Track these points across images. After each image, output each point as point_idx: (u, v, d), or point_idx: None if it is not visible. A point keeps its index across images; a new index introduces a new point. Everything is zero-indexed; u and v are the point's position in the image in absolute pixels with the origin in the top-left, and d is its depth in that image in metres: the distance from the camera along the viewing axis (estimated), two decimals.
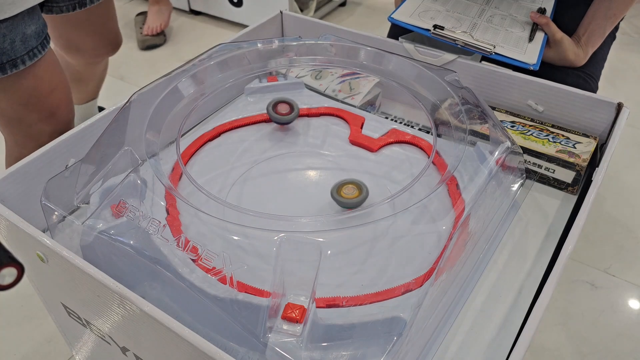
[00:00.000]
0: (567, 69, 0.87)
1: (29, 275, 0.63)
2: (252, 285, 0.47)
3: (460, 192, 0.57)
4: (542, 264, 0.60)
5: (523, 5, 0.93)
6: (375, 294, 0.48)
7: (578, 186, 0.69)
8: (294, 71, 0.82)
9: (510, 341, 0.52)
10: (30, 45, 0.78)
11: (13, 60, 0.76)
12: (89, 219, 0.50)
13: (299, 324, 0.42)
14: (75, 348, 0.74)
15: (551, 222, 0.65)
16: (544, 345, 1.03)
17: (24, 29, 0.76)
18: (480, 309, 0.55)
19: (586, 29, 0.86)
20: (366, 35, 0.83)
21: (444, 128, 0.61)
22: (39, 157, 0.61)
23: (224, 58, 0.68)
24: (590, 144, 0.70)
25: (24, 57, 0.77)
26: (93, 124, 0.65)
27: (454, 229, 0.51)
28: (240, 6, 2.07)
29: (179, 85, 0.63)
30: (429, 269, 0.49)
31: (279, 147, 0.67)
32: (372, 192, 0.60)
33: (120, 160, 0.55)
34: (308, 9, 2.12)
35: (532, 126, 0.73)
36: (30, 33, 0.78)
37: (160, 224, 0.49)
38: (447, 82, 0.64)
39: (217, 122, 0.70)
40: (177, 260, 0.48)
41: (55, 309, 0.65)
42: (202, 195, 0.51)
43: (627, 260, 1.21)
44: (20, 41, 0.76)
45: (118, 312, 0.49)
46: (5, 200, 0.58)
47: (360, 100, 0.79)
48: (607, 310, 1.10)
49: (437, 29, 0.78)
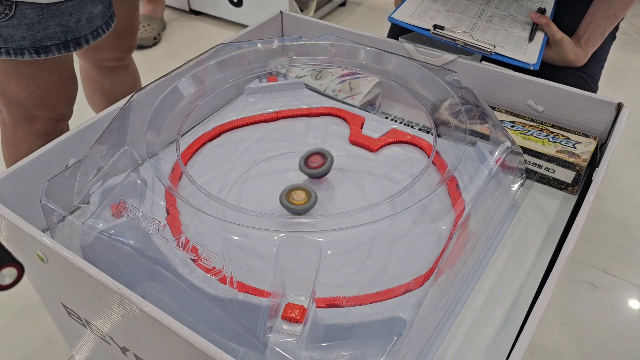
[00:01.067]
0: (567, 69, 0.87)
1: (29, 275, 0.63)
2: (252, 285, 0.47)
3: (460, 192, 0.57)
4: (542, 264, 0.60)
5: (523, 5, 0.93)
6: (375, 294, 0.48)
7: (578, 186, 0.69)
8: (294, 71, 0.82)
9: (510, 341, 0.52)
10: (95, 25, 0.78)
11: (77, 39, 0.77)
12: (89, 219, 0.50)
13: (299, 324, 0.42)
14: (75, 348, 0.74)
15: (551, 222, 0.65)
16: (544, 345, 1.03)
17: (91, 8, 0.77)
18: (480, 309, 0.55)
19: (586, 29, 0.86)
20: (366, 35, 0.83)
21: (444, 128, 0.61)
22: (39, 157, 0.61)
23: (224, 58, 0.68)
24: (590, 144, 0.70)
25: (87, 37, 0.78)
26: (93, 124, 0.65)
27: (454, 229, 0.51)
28: (240, 6, 2.07)
29: (179, 85, 0.63)
30: (429, 269, 0.49)
31: (279, 147, 0.67)
32: (372, 192, 0.60)
33: (120, 160, 0.55)
34: (308, 9, 2.12)
35: (532, 126, 0.73)
36: (96, 12, 0.78)
37: (160, 224, 0.49)
38: (447, 82, 0.64)
39: (217, 122, 0.70)
40: (177, 260, 0.48)
41: (55, 309, 0.65)
42: (202, 195, 0.51)
43: (627, 260, 1.21)
44: (86, 20, 0.77)
45: (118, 312, 0.49)
46: (5, 200, 0.58)
47: (360, 100, 0.79)
48: (607, 310, 1.10)
49: (437, 29, 0.78)
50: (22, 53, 0.74)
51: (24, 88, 0.81)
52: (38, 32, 0.73)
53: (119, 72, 1.09)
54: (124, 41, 1.03)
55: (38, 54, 0.75)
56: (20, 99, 0.83)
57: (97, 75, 1.08)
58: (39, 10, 0.71)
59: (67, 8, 0.74)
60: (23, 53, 0.74)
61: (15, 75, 0.79)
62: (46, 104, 0.85)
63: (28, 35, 0.73)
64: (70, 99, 0.90)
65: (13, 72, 0.79)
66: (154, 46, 2.01)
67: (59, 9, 0.73)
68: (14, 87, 0.81)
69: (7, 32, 0.72)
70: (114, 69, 1.08)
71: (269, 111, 0.72)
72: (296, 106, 0.73)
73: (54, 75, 0.83)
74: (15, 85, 0.81)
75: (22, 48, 0.74)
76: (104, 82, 1.09)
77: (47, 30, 0.73)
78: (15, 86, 0.81)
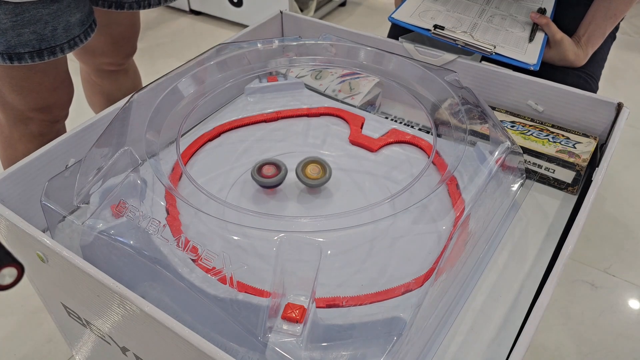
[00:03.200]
0: (568, 69, 0.87)
1: (29, 275, 0.63)
2: (252, 285, 0.47)
3: (460, 192, 0.57)
4: (542, 264, 0.60)
5: (523, 6, 0.93)
6: (375, 294, 0.48)
7: (578, 186, 0.69)
8: (294, 71, 0.82)
9: (510, 341, 0.52)
10: (72, 34, 0.77)
11: (52, 47, 0.75)
12: (89, 219, 0.50)
13: (299, 324, 0.42)
14: (75, 348, 0.74)
15: (551, 222, 0.65)
16: (544, 345, 1.03)
17: (68, 17, 0.75)
18: (480, 309, 0.55)
19: (586, 29, 0.86)
20: (366, 35, 0.83)
21: (444, 128, 0.61)
22: (39, 157, 0.61)
23: (224, 58, 0.68)
24: (590, 144, 0.70)
25: (63, 46, 0.76)
26: (93, 124, 0.65)
27: (454, 229, 0.51)
28: (240, 6, 2.07)
29: (179, 85, 0.63)
30: (429, 269, 0.49)
31: (279, 147, 0.67)
32: (372, 192, 0.60)
33: (120, 160, 0.55)
34: (308, 9, 2.12)
35: (532, 126, 0.73)
36: (74, 21, 0.76)
37: (160, 224, 0.49)
38: (447, 82, 0.64)
39: (217, 122, 0.70)
40: (177, 260, 0.48)
41: (55, 309, 0.65)
42: (202, 195, 0.51)
43: (627, 260, 1.21)
44: (62, 29, 0.75)
45: (118, 312, 0.49)
46: (5, 200, 0.58)
47: (360, 100, 0.79)
48: (607, 310, 1.10)
49: (437, 29, 0.78)
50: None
51: (17, 91, 0.81)
52: (12, 39, 0.72)
53: (119, 75, 1.09)
54: (122, 48, 1.02)
55: (11, 60, 0.73)
56: (14, 101, 0.82)
57: (97, 79, 1.08)
58: (13, 16, 0.70)
59: (42, 16, 0.72)
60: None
61: (9, 78, 0.79)
62: (40, 107, 0.85)
63: (2, 41, 0.71)
64: (65, 102, 0.89)
65: (6, 74, 0.78)
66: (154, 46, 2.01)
67: (34, 16, 0.71)
68: (7, 90, 0.81)
69: None
70: (114, 73, 1.08)
71: (269, 111, 0.72)
72: (296, 106, 0.73)
73: (48, 78, 0.82)
74: (9, 88, 0.80)
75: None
76: (103, 84, 1.09)
77: (20, 37, 0.72)
78: (9, 89, 0.80)
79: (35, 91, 0.82)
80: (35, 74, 0.80)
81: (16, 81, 0.79)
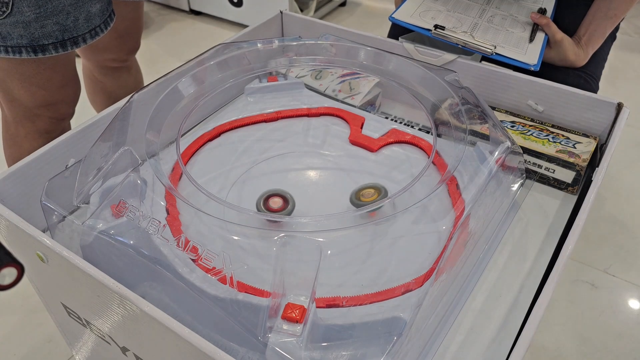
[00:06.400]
0: (568, 69, 0.87)
1: (29, 275, 0.63)
2: (252, 285, 0.47)
3: (460, 192, 0.57)
4: (542, 264, 0.60)
5: (524, 6, 0.93)
6: (375, 294, 0.48)
7: (578, 186, 0.69)
8: (294, 71, 0.82)
9: (510, 341, 0.52)
10: (93, 24, 0.78)
11: (74, 37, 0.77)
12: (89, 219, 0.50)
13: (299, 324, 0.42)
14: (75, 348, 0.74)
15: (551, 222, 0.65)
16: (544, 345, 1.03)
17: (89, 7, 0.77)
18: (480, 309, 0.55)
19: (586, 29, 0.86)
20: (366, 35, 0.83)
21: (444, 128, 0.61)
22: (39, 157, 0.61)
23: (224, 58, 0.68)
24: (590, 144, 0.70)
25: (85, 35, 0.78)
26: (93, 124, 0.65)
27: (454, 229, 0.51)
28: (240, 6, 2.08)
29: (179, 85, 0.63)
30: (429, 269, 0.49)
31: (279, 147, 0.67)
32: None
33: (120, 160, 0.55)
34: (308, 9, 2.12)
35: (532, 126, 0.73)
36: (94, 11, 0.78)
37: (160, 224, 0.49)
38: (447, 82, 0.64)
39: (217, 122, 0.70)
40: (177, 260, 0.48)
41: (55, 309, 0.65)
42: (202, 195, 0.51)
43: (627, 260, 1.21)
44: (84, 19, 0.76)
45: (118, 312, 0.49)
46: (5, 200, 0.58)
47: (360, 100, 0.79)
48: (607, 310, 1.10)
49: (437, 29, 0.78)
50: (20, 51, 0.74)
51: (26, 88, 0.81)
52: (35, 31, 0.73)
53: (122, 72, 1.09)
54: (126, 43, 1.03)
55: (35, 52, 0.75)
56: (22, 98, 0.83)
57: (100, 76, 1.08)
58: (36, 8, 0.71)
59: (64, 7, 0.74)
60: (21, 51, 0.74)
61: (18, 74, 0.80)
62: (48, 104, 0.85)
63: (25, 34, 0.73)
64: (73, 100, 0.90)
65: (16, 71, 0.79)
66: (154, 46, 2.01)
67: (56, 7, 0.73)
68: (17, 86, 0.81)
69: (5, 30, 0.72)
70: (117, 70, 1.08)
71: (269, 111, 0.72)
72: (296, 106, 0.73)
73: (56, 75, 0.83)
74: (18, 84, 0.81)
75: (20, 46, 0.74)
76: (106, 82, 1.09)
77: (44, 28, 0.73)
78: (18, 85, 0.81)
79: (44, 87, 0.83)
80: (44, 70, 0.80)
81: (25, 77, 0.80)
